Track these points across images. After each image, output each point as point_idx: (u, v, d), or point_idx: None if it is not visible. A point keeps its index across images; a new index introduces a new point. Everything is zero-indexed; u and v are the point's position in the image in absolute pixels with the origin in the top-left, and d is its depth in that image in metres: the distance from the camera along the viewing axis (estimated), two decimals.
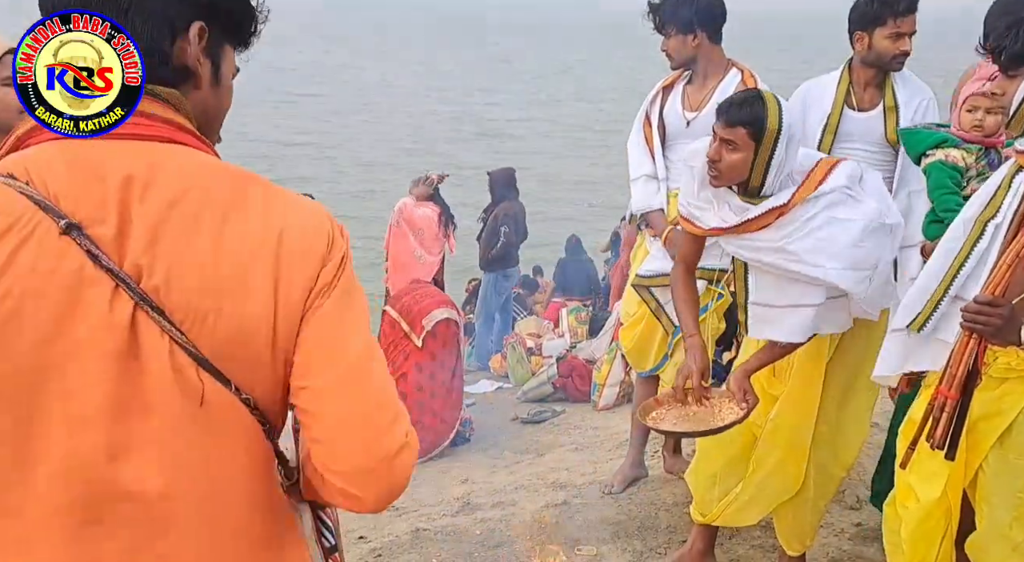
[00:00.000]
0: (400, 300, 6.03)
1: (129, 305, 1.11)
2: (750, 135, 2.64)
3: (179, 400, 1.13)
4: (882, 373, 2.66)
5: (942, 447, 2.32)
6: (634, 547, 3.62)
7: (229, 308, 1.13)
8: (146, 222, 1.12)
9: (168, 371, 1.12)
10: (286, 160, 22.10)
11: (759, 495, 3.10)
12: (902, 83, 3.55)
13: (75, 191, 1.11)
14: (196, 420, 1.14)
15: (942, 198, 3.06)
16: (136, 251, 1.11)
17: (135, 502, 1.13)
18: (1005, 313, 2.21)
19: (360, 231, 11.10)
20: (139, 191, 1.13)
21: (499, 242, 8.75)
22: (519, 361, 7.91)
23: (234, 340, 1.15)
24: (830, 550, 3.46)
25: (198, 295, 1.12)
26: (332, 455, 1.19)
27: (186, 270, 1.12)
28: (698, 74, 3.84)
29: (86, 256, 1.09)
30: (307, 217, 1.22)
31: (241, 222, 1.16)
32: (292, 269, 1.17)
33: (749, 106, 2.66)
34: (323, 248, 1.20)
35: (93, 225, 1.11)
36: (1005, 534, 2.41)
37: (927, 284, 2.47)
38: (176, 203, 1.13)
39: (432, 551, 3.75)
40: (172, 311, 1.12)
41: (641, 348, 4.04)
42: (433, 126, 26.78)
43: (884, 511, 2.69)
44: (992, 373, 2.39)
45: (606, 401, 6.50)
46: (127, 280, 1.10)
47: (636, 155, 3.96)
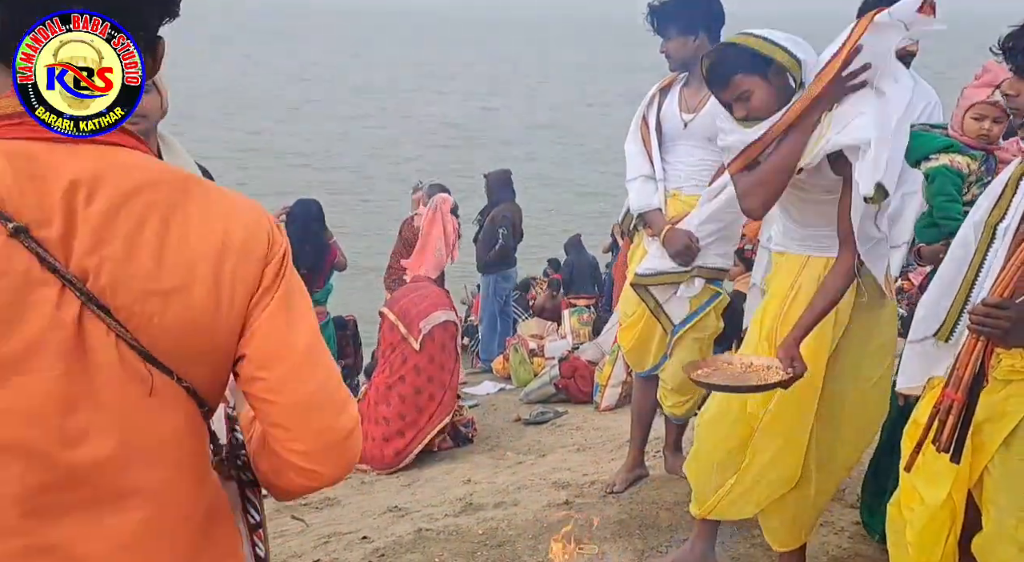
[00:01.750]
0: (398, 302, 6.03)
1: (76, 305, 1.15)
2: (749, 74, 2.73)
3: (128, 391, 1.19)
4: (907, 384, 2.65)
5: (948, 450, 2.30)
6: (635, 546, 3.63)
7: (173, 308, 1.19)
8: (91, 225, 1.15)
9: (116, 365, 1.18)
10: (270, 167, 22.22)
11: (756, 486, 3.08)
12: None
13: (19, 194, 1.14)
14: (145, 409, 1.21)
15: (943, 205, 3.07)
16: (81, 253, 1.15)
17: (91, 485, 1.18)
18: (1013, 315, 2.19)
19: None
20: (84, 195, 1.16)
21: (498, 244, 8.75)
22: (521, 362, 7.91)
23: (178, 337, 1.21)
24: (829, 548, 3.46)
25: (142, 296, 1.17)
26: (293, 437, 1.29)
27: (131, 272, 1.17)
28: (696, 76, 3.84)
29: (34, 258, 1.13)
30: (246, 217, 1.28)
31: (184, 224, 1.21)
32: (235, 269, 1.24)
33: (727, 56, 2.76)
34: (263, 247, 1.28)
35: (39, 228, 1.14)
36: (1011, 535, 2.40)
37: (941, 293, 2.46)
38: (121, 206, 1.17)
39: (434, 551, 3.76)
40: (117, 310, 1.17)
41: (640, 348, 4.05)
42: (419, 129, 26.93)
43: (888, 511, 2.67)
44: (997, 375, 2.38)
45: (608, 402, 6.50)
46: (73, 281, 1.14)
47: (633, 156, 3.97)
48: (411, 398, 5.67)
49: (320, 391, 1.29)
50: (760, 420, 3.03)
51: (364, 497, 5.02)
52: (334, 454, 1.31)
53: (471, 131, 29.15)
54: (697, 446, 3.27)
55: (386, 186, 20.14)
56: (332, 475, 1.33)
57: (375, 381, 5.86)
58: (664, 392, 4.05)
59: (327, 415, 1.29)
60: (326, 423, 1.29)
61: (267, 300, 1.26)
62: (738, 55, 2.75)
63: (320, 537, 4.19)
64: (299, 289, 1.32)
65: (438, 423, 5.73)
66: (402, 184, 9.41)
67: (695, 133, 3.79)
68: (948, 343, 2.45)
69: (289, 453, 1.30)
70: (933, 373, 2.54)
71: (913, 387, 2.64)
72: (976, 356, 2.26)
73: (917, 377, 2.60)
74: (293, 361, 1.27)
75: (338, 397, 1.32)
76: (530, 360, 7.90)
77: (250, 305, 1.26)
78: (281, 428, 1.29)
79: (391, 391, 5.68)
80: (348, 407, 1.32)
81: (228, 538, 1.37)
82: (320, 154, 25.27)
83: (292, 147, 25.72)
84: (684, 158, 3.85)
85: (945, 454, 2.32)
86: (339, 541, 4.10)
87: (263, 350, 1.26)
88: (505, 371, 8.26)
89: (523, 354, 7.96)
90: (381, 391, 5.72)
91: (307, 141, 26.75)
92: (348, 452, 1.32)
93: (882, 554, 2.83)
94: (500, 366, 8.41)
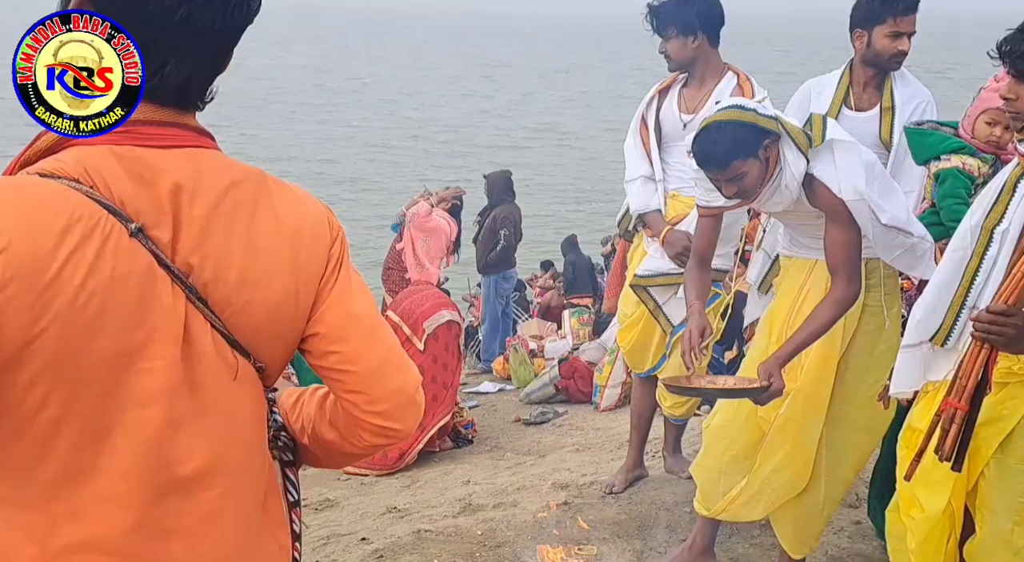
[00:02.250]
0: (401, 304, 6.05)
1: (182, 297, 1.25)
2: (746, 159, 2.77)
3: (220, 375, 1.30)
4: (901, 389, 2.62)
5: (951, 459, 2.27)
6: (634, 547, 3.63)
7: (260, 297, 1.30)
8: (194, 225, 1.25)
9: (212, 352, 1.28)
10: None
11: (765, 489, 3.09)
12: (902, 84, 3.57)
13: (135, 196, 1.22)
14: (232, 392, 1.32)
15: (953, 207, 3.03)
16: (185, 251, 1.25)
17: (187, 477, 1.28)
18: (1019, 323, 2.16)
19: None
20: (188, 197, 1.25)
21: (499, 245, 8.76)
22: (521, 363, 7.92)
23: (260, 322, 1.31)
24: (829, 548, 3.47)
25: (236, 288, 1.28)
26: (371, 400, 1.38)
27: (228, 266, 1.27)
28: (695, 77, 3.84)
29: (151, 256, 1.22)
30: (312, 206, 1.39)
31: (266, 218, 1.31)
32: (309, 254, 1.35)
33: (724, 140, 2.78)
34: (327, 231, 1.39)
35: (153, 227, 1.23)
36: (1007, 539, 2.39)
37: (938, 297, 2.44)
38: (217, 205, 1.27)
39: (433, 552, 3.76)
40: (215, 303, 1.27)
41: (639, 348, 4.05)
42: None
43: (887, 517, 2.66)
44: (993, 378, 2.34)
45: (608, 402, 6.51)
46: (181, 276, 1.24)
47: (632, 157, 3.97)
48: None
49: (391, 354, 1.40)
50: (771, 424, 3.05)
51: (363, 498, 5.02)
52: (411, 409, 1.41)
53: (463, 133, 29.20)
54: (704, 451, 3.29)
55: (378, 186, 20.20)
56: (408, 429, 1.42)
57: None
58: (663, 393, 4.05)
59: (400, 376, 1.40)
60: (398, 384, 1.39)
61: (333, 279, 1.37)
62: (736, 138, 2.76)
63: (319, 538, 4.19)
64: (353, 267, 1.43)
65: (439, 421, 5.74)
66: (399, 185, 9.41)
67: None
68: (944, 348, 2.43)
69: (369, 416, 1.38)
70: (928, 377, 2.52)
71: (906, 391, 2.63)
72: (980, 364, 2.23)
73: (912, 381, 2.58)
74: (363, 331, 1.38)
75: (404, 359, 1.42)
76: (530, 361, 7.91)
77: (320, 285, 1.36)
78: (360, 394, 1.37)
79: None
80: (412, 367, 1.43)
81: (278, 510, 1.47)
82: (292, 158, 25.29)
83: (280, 149, 25.76)
84: (684, 159, 3.84)
85: (946, 463, 2.30)
86: (338, 542, 4.10)
87: (335, 325, 1.36)
88: (505, 371, 8.27)
89: (523, 355, 7.96)
90: None
91: (293, 145, 26.82)
92: (418, 407, 1.42)
93: (882, 554, 2.83)
94: (500, 366, 8.42)
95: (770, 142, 2.79)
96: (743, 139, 2.76)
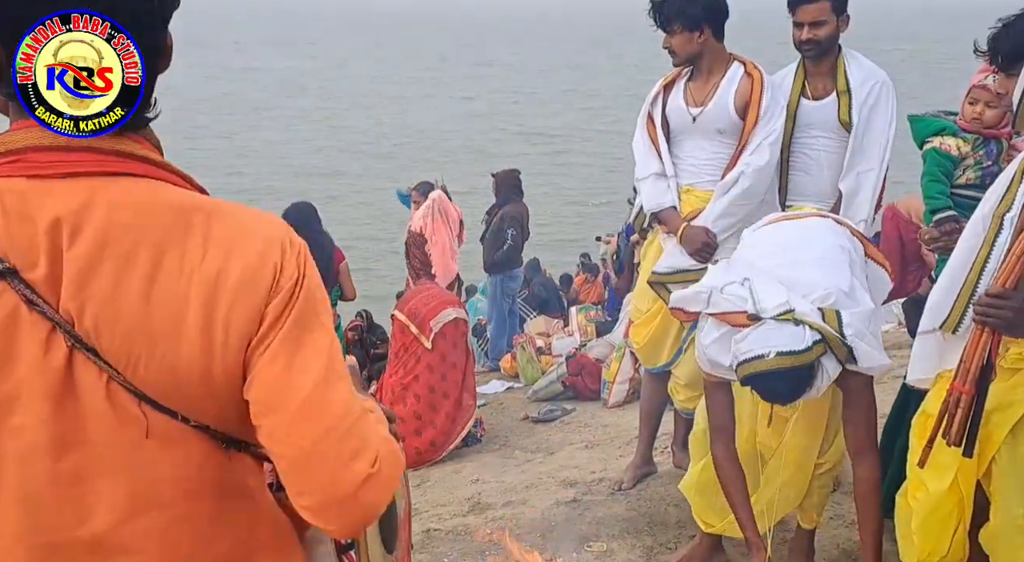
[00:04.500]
0: (408, 303, 6.05)
1: (65, 346, 1.13)
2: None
3: (123, 433, 1.16)
4: (917, 376, 2.63)
5: (959, 444, 2.28)
6: (644, 543, 3.63)
7: (161, 351, 1.14)
8: (75, 266, 1.12)
9: (107, 408, 1.15)
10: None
11: (768, 509, 3.12)
12: (856, 66, 3.72)
13: (8, 235, 1.12)
14: (141, 450, 1.17)
15: (928, 185, 3.25)
16: (67, 294, 1.13)
17: (90, 540, 1.17)
18: (1017, 305, 2.17)
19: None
20: (68, 233, 1.13)
21: (506, 244, 8.75)
22: (529, 361, 7.91)
23: (168, 380, 1.16)
24: (840, 540, 3.45)
25: (128, 340, 1.13)
26: (297, 491, 1.19)
27: (116, 313, 1.13)
28: (702, 70, 3.82)
29: (21, 300, 1.11)
30: (251, 250, 1.18)
31: (177, 261, 1.15)
32: (229, 313, 1.16)
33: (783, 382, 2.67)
34: (267, 281, 1.18)
35: (28, 269, 1.12)
36: (1019, 525, 2.39)
37: (951, 284, 2.45)
38: (106, 244, 1.13)
39: (443, 551, 3.75)
40: (104, 352, 1.14)
41: (654, 344, 4.01)
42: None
43: (896, 502, 2.68)
44: (1004, 364, 2.37)
45: (616, 399, 6.50)
46: (61, 323, 1.12)
47: (642, 154, 3.94)
48: (426, 397, 5.74)
49: (324, 441, 1.16)
50: (772, 450, 3.08)
51: None
52: (344, 510, 1.18)
53: (453, 136, 29.19)
54: (702, 467, 3.24)
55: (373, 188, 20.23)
56: (341, 531, 1.23)
57: (388, 383, 5.88)
58: (677, 386, 4.03)
59: (333, 467, 1.17)
60: (330, 476, 1.16)
61: (269, 340, 1.17)
62: (795, 380, 2.67)
63: None
64: (312, 316, 1.20)
65: (465, 424, 5.82)
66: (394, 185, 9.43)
67: (704, 126, 3.77)
68: (956, 335, 2.43)
69: (300, 508, 1.20)
70: (943, 366, 2.52)
71: (923, 379, 2.63)
72: (983, 348, 2.24)
73: (927, 369, 2.59)
74: (296, 406, 1.16)
75: (348, 445, 1.18)
76: (537, 358, 7.90)
77: (249, 348, 1.17)
78: (285, 479, 1.19)
79: (407, 391, 5.74)
80: (357, 460, 1.18)
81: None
82: (274, 160, 25.33)
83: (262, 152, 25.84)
84: (695, 152, 3.83)
85: (955, 448, 2.30)
86: None
87: (262, 398, 1.17)
88: (513, 369, 8.26)
89: (530, 352, 7.95)
90: (396, 392, 5.76)
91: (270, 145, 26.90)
92: (359, 505, 1.18)
93: (891, 545, 2.81)
94: (508, 364, 8.41)
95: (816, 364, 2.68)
96: (800, 377, 2.66)
